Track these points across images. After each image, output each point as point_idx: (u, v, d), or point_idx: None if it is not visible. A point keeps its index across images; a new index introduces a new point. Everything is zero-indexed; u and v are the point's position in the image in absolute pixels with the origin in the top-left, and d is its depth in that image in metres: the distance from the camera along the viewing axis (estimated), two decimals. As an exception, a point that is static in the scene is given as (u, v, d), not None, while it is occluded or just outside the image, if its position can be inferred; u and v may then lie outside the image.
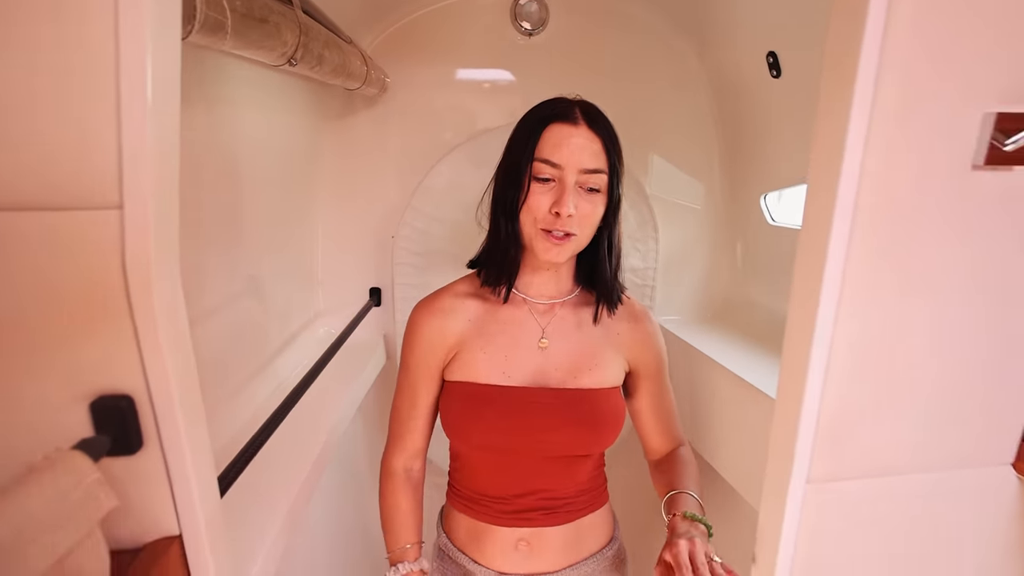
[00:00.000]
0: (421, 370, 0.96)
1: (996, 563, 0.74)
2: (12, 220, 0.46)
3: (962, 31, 0.52)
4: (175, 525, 0.56)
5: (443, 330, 0.95)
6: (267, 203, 1.24)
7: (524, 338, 0.96)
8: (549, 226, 0.87)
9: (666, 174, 1.61)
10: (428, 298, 0.99)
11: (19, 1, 0.42)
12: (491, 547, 0.99)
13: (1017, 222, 0.59)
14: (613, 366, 0.99)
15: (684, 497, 0.94)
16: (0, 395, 0.49)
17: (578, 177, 0.86)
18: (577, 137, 0.85)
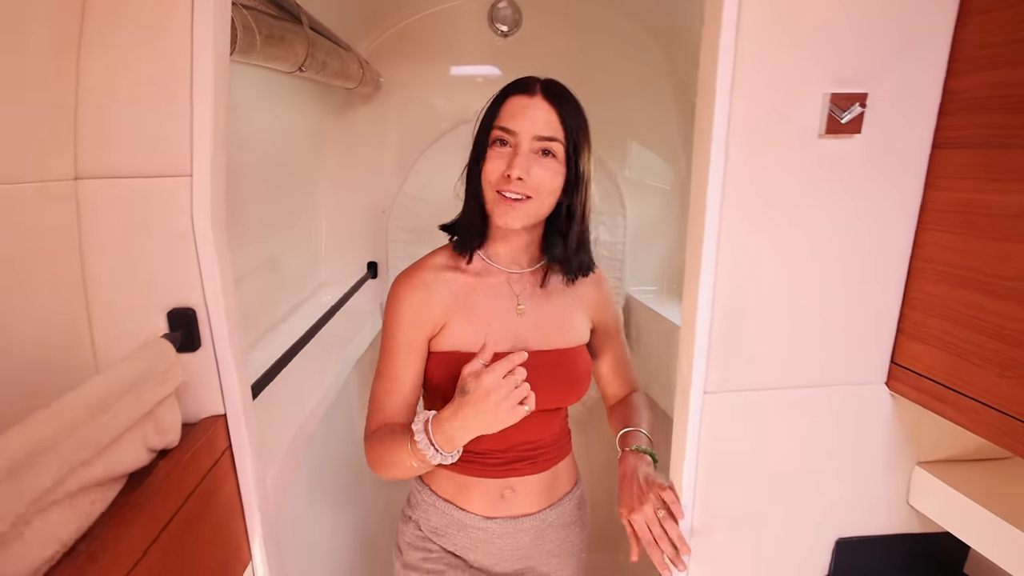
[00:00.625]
0: (407, 343, 0.98)
1: (861, 472, 0.92)
2: (123, 184, 0.69)
3: (805, 34, 0.72)
4: (221, 406, 0.78)
5: (428, 303, 0.97)
6: (279, 188, 1.46)
7: (502, 305, 1.01)
8: (503, 188, 0.91)
9: (638, 158, 1.81)
10: (408, 273, 1.01)
11: (126, 31, 0.65)
12: (478, 497, 1.04)
13: (855, 177, 0.78)
14: (581, 326, 1.08)
15: (635, 433, 1.05)
16: (112, 306, 0.71)
17: (532, 144, 0.90)
18: (532, 108, 0.90)
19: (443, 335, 0.98)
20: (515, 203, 0.92)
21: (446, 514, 1.05)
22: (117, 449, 0.60)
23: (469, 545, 1.06)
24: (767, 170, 0.77)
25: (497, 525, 1.04)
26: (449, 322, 0.98)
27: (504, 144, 0.92)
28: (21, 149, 0.61)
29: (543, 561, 1.10)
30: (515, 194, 0.91)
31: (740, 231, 0.79)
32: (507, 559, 1.07)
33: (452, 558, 1.08)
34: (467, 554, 1.07)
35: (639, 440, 1.03)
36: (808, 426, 0.88)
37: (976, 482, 0.87)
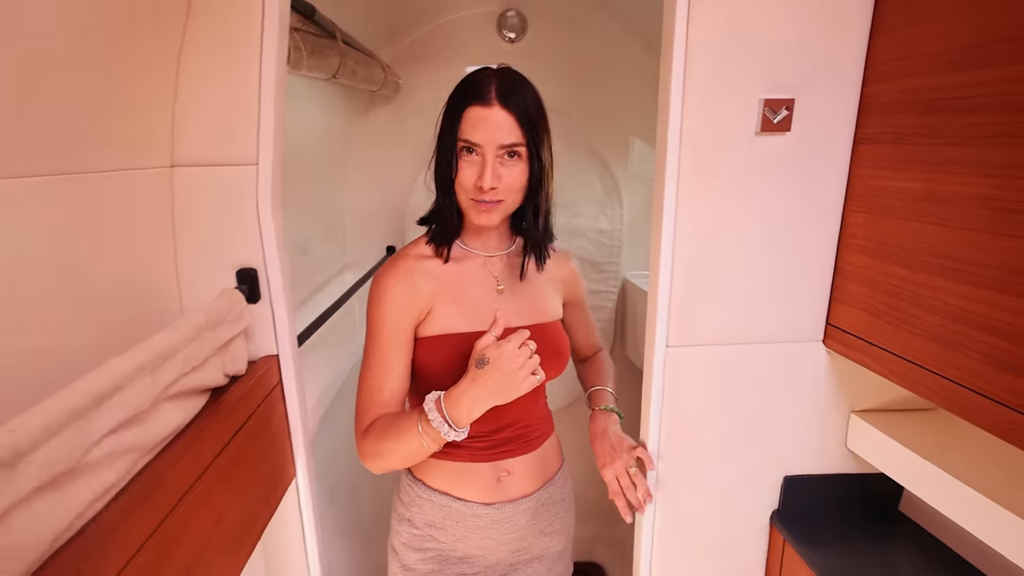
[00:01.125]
0: (395, 333, 0.99)
1: (805, 416, 1.10)
2: (206, 171, 0.90)
3: (742, 51, 0.91)
4: (275, 348, 0.99)
5: (413, 291, 1.00)
6: (311, 180, 1.67)
7: (483, 287, 1.05)
8: (477, 196, 0.96)
9: (633, 152, 1.99)
10: (388, 265, 1.03)
11: (212, 57, 0.86)
12: (475, 483, 1.05)
13: (787, 167, 0.97)
14: (555, 302, 1.14)
15: (603, 392, 1.17)
16: (193, 264, 0.93)
17: (496, 151, 0.93)
18: (491, 118, 0.92)
19: (429, 320, 1.01)
20: (491, 205, 0.97)
21: (442, 506, 1.06)
22: (207, 368, 0.81)
23: (467, 534, 1.07)
24: (714, 162, 0.95)
25: (495, 511, 1.06)
26: (435, 307, 1.01)
27: (471, 151, 0.95)
28: (143, 147, 0.82)
29: (536, 541, 1.12)
30: (490, 199, 0.96)
31: (693, 214, 0.98)
32: (504, 544, 1.08)
33: (448, 554, 1.09)
34: (464, 544, 1.08)
35: (606, 399, 1.15)
36: (756, 377, 1.06)
37: (906, 429, 1.04)
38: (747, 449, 1.10)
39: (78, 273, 0.73)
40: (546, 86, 1.00)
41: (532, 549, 1.12)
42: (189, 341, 0.77)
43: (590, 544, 2.23)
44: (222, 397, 0.84)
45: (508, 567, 1.11)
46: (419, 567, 1.08)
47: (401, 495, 1.12)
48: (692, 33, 0.90)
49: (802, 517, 1.12)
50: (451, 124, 0.96)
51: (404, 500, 1.10)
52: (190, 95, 0.87)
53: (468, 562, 1.09)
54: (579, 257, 2.00)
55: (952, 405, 0.79)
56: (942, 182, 0.78)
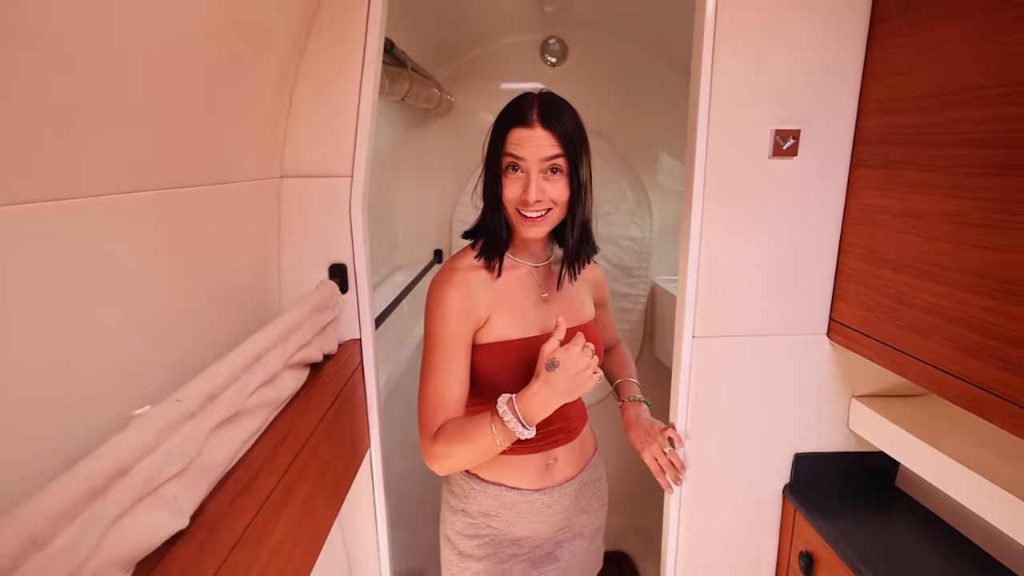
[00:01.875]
0: (457, 341, 1.05)
1: (812, 400, 1.28)
2: (309, 181, 1.11)
3: (757, 90, 1.10)
4: (358, 333, 1.20)
5: (472, 301, 1.07)
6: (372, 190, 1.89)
7: (530, 295, 1.14)
8: (524, 209, 1.03)
9: (663, 166, 2.18)
10: (447, 276, 1.09)
11: (320, 88, 1.08)
12: (526, 472, 1.15)
13: (795, 186, 1.15)
14: (589, 304, 1.25)
15: (629, 384, 1.31)
16: (294, 259, 1.14)
17: (540, 165, 1.01)
18: (533, 136, 1.00)
19: (488, 328, 1.09)
20: (537, 219, 1.05)
21: (496, 496, 1.15)
22: (312, 346, 1.02)
23: (519, 519, 1.16)
24: (733, 181, 1.14)
25: (545, 495, 1.16)
26: (492, 316, 1.09)
27: (517, 169, 1.03)
28: (264, 162, 1.04)
29: (577, 519, 1.23)
30: (536, 212, 1.04)
31: (717, 225, 1.17)
32: (551, 524, 1.19)
33: (501, 538, 1.18)
34: (516, 528, 1.17)
35: (634, 390, 1.30)
36: (770, 365, 1.25)
37: (901, 412, 1.21)
38: (762, 429, 1.28)
39: (219, 264, 0.95)
40: (584, 105, 1.11)
41: (574, 527, 1.23)
42: (304, 322, 0.98)
43: (619, 534, 2.40)
44: (320, 372, 1.05)
45: (554, 545, 1.21)
46: (475, 552, 1.17)
47: (453, 488, 1.21)
48: (716, 75, 1.09)
49: (810, 490, 1.29)
50: (497, 145, 1.05)
51: (457, 493, 1.20)
52: (301, 117, 1.09)
53: (519, 544, 1.18)
54: (611, 262, 2.19)
55: (930, 385, 0.97)
56: (918, 201, 0.97)
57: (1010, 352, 0.82)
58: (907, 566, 1.09)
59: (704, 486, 1.31)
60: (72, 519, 0.46)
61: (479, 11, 1.85)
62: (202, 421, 0.66)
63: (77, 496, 0.47)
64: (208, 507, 0.65)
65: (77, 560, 0.46)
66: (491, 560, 1.17)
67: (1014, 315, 0.81)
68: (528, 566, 1.19)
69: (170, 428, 0.59)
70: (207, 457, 0.68)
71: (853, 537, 1.17)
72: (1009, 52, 0.80)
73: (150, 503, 0.56)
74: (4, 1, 0.46)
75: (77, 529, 0.46)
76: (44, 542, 0.43)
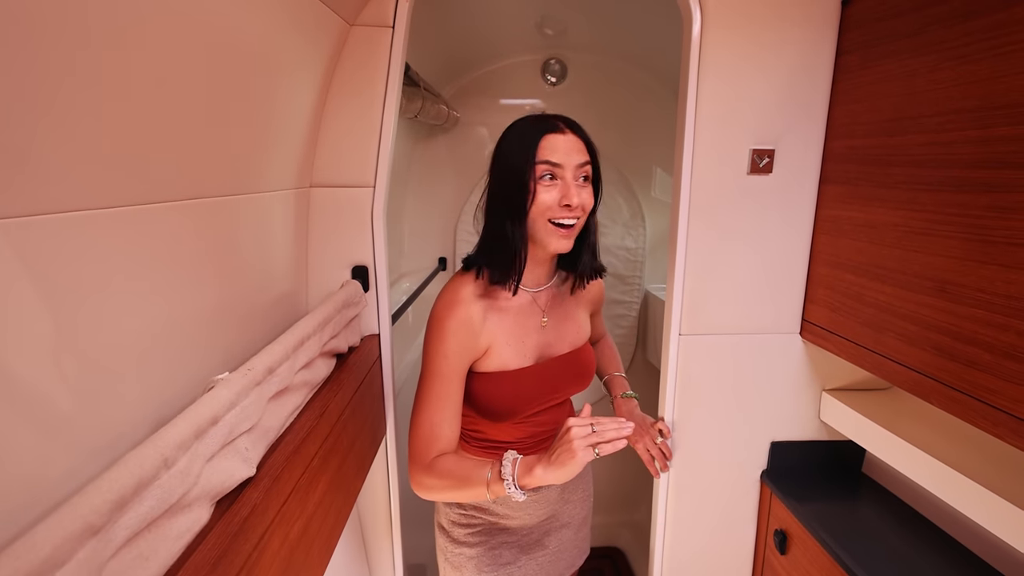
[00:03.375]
0: (457, 372, 1.08)
1: (787, 393, 1.43)
2: (335, 191, 1.26)
3: (737, 115, 1.25)
4: (376, 328, 1.35)
5: (474, 334, 1.08)
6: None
7: (531, 322, 1.17)
8: (558, 217, 1.03)
9: (656, 180, 2.34)
10: (448, 308, 1.09)
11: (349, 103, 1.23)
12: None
13: (770, 200, 1.30)
14: (585, 321, 1.29)
15: (620, 379, 1.41)
16: (321, 260, 1.29)
17: (575, 172, 1.03)
18: (567, 142, 1.03)
19: (487, 358, 1.11)
20: (572, 228, 1.05)
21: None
22: (340, 337, 1.16)
23: (508, 512, 1.25)
24: (715, 194, 1.30)
25: (532, 491, 1.22)
26: (492, 346, 1.11)
27: (552, 178, 1.03)
28: (297, 173, 1.19)
29: (563, 509, 1.32)
30: (572, 219, 1.04)
31: (700, 233, 1.32)
32: (538, 515, 1.27)
33: (491, 527, 1.26)
34: (504, 520, 1.26)
35: (624, 386, 1.40)
36: (748, 360, 1.40)
37: (867, 404, 1.36)
38: (741, 419, 1.43)
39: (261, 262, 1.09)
40: (582, 122, 1.16)
41: (560, 517, 1.31)
42: (334, 315, 1.12)
43: (612, 530, 2.54)
44: (346, 361, 1.19)
45: (542, 534, 1.29)
46: (468, 539, 1.25)
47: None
48: (700, 99, 1.25)
49: (785, 475, 1.44)
50: (527, 155, 1.02)
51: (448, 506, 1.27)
52: (330, 133, 1.24)
53: (508, 532, 1.27)
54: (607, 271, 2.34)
55: (882, 374, 1.12)
56: (873, 212, 1.12)
57: (945, 342, 0.97)
58: (870, 541, 1.23)
59: (690, 472, 1.45)
60: (186, 450, 0.60)
61: (485, 34, 2.01)
62: (264, 389, 0.80)
63: (189, 434, 0.61)
64: (268, 462, 0.79)
65: (187, 484, 0.60)
66: (483, 547, 1.25)
67: (948, 311, 0.96)
68: (518, 551, 1.27)
69: (244, 391, 0.74)
70: (266, 421, 0.82)
71: (823, 516, 1.31)
72: (939, 88, 0.97)
73: (230, 451, 0.71)
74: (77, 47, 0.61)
75: (188, 459, 0.60)
76: (172, 463, 0.57)
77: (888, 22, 1.09)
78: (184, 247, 0.79)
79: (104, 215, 0.62)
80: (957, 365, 0.95)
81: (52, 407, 0.56)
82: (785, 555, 1.39)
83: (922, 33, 1.01)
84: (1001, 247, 0.87)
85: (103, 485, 0.49)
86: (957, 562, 1.16)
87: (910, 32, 1.03)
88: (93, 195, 0.60)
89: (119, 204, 0.64)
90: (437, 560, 1.34)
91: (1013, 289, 0.86)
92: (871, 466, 1.46)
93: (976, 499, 1.02)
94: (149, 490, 0.54)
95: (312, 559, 0.89)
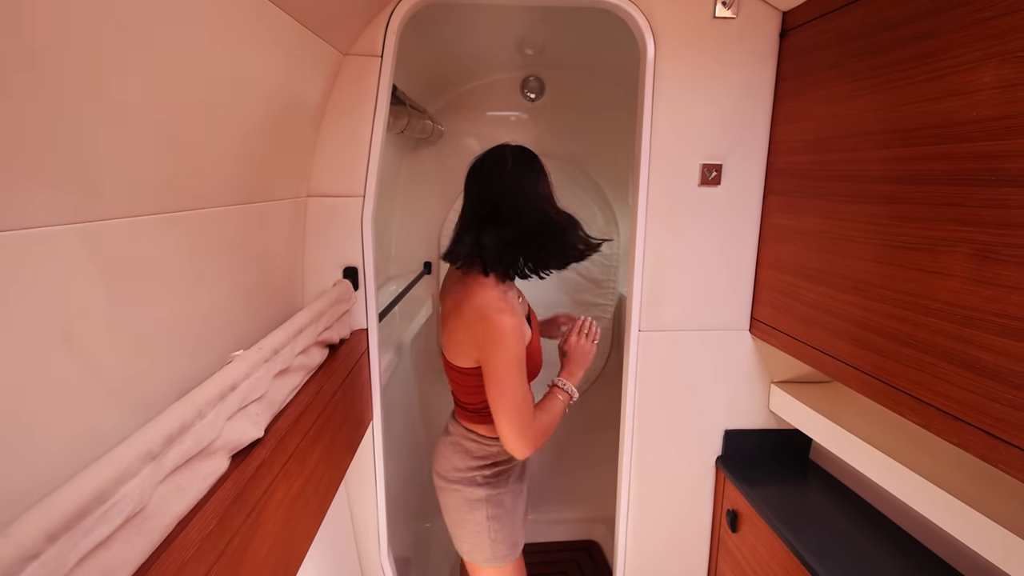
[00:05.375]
0: (522, 359, 1.30)
1: (739, 385, 1.60)
2: (329, 200, 1.42)
3: (688, 135, 1.44)
4: (364, 323, 1.50)
5: (521, 327, 1.32)
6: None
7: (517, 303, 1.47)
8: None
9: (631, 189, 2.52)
10: (503, 309, 1.29)
11: (342, 123, 1.39)
12: None
13: (719, 209, 1.48)
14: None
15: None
16: (315, 262, 1.44)
17: None
18: None
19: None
20: None
21: (494, 444, 1.51)
22: (332, 330, 1.31)
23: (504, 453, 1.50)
24: (669, 205, 1.48)
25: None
26: (525, 331, 1.38)
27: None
28: (296, 184, 1.35)
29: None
30: None
31: (657, 239, 1.49)
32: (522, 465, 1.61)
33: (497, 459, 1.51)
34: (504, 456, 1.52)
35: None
36: (702, 355, 1.57)
37: (811, 395, 1.53)
38: (697, 409, 1.60)
39: (266, 261, 1.25)
40: (559, 135, 1.40)
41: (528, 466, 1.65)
42: (328, 309, 1.28)
43: (588, 524, 2.69)
44: (337, 352, 1.34)
45: (521, 467, 1.59)
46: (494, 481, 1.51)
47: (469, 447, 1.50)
48: (655, 116, 1.43)
49: (738, 461, 1.61)
50: (546, 181, 1.36)
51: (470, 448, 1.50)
52: (325, 149, 1.40)
53: (507, 463, 1.52)
54: (582, 275, 2.51)
55: (814, 363, 1.29)
56: (804, 220, 1.30)
57: (861, 334, 1.14)
58: (812, 520, 1.40)
59: (650, 458, 1.61)
60: (213, 407, 0.76)
61: (469, 54, 2.19)
62: (272, 366, 0.96)
63: (215, 394, 0.76)
64: (273, 428, 0.94)
65: (214, 433, 0.76)
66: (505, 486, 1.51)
67: (863, 306, 1.14)
68: (516, 480, 1.55)
69: (256, 366, 0.89)
70: (271, 394, 0.97)
71: (770, 498, 1.48)
72: (853, 113, 1.15)
73: (243, 415, 0.86)
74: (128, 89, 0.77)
75: (215, 413, 0.76)
76: (204, 415, 0.73)
77: (814, 55, 1.27)
78: (211, 246, 0.94)
79: (148, 221, 0.78)
80: (870, 353, 1.13)
81: (109, 373, 0.72)
82: (736, 533, 1.55)
83: (839, 66, 1.19)
84: (901, 251, 1.05)
85: (158, 424, 0.64)
86: (892, 541, 1.34)
87: (830, 64, 1.22)
88: (143, 204, 0.76)
89: (162, 211, 0.80)
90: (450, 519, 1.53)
91: (909, 287, 1.03)
92: (817, 453, 1.63)
93: (908, 483, 1.18)
94: (188, 433, 0.69)
95: (308, 514, 1.04)
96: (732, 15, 1.38)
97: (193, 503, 0.71)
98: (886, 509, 1.41)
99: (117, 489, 0.56)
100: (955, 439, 0.96)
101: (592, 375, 2.60)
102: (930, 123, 1.00)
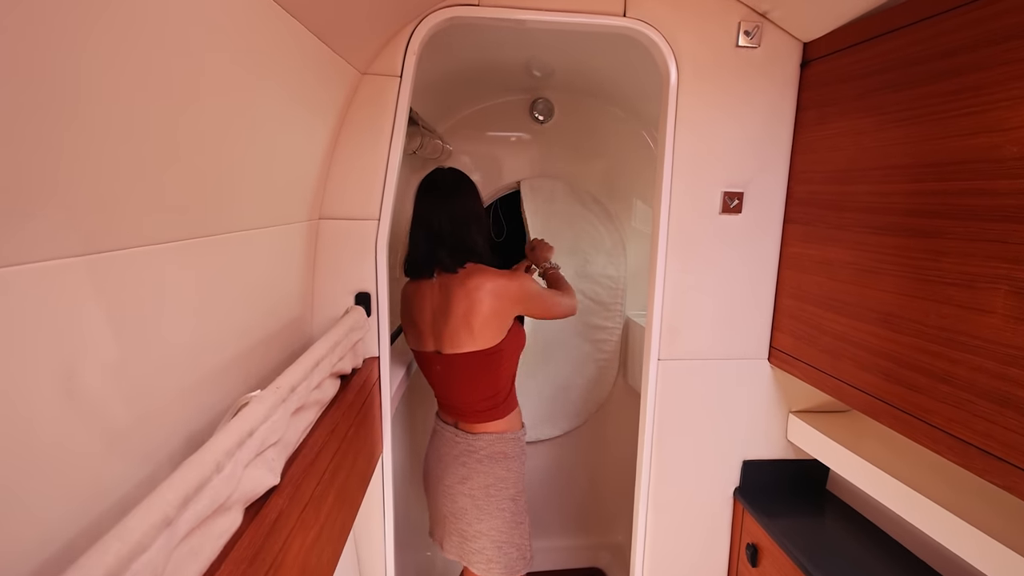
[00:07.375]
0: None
1: (757, 415, 1.55)
2: (342, 223, 1.36)
3: (709, 164, 1.39)
4: (376, 351, 1.44)
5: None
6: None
7: None
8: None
9: (636, 212, 2.48)
10: (514, 273, 1.58)
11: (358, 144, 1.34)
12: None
13: (740, 237, 1.44)
14: None
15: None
16: (326, 288, 1.38)
17: None
18: None
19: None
20: None
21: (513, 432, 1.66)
22: (345, 360, 1.25)
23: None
24: (690, 232, 1.43)
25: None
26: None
27: None
28: (309, 206, 1.30)
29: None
30: None
31: (676, 268, 1.44)
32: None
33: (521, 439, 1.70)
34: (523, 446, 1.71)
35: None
36: (720, 385, 1.51)
37: (830, 425, 1.48)
38: (715, 439, 1.54)
39: (275, 287, 1.19)
40: (567, 158, 1.39)
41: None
42: (342, 339, 1.22)
43: (593, 551, 2.62)
44: (349, 382, 1.28)
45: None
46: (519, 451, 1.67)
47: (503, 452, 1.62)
48: (677, 145, 1.39)
49: (757, 492, 1.55)
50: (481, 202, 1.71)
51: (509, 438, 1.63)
52: (340, 171, 1.34)
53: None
54: (590, 298, 2.46)
55: (839, 396, 1.24)
56: (829, 251, 1.26)
57: (891, 367, 1.09)
58: (834, 553, 1.34)
59: (668, 489, 1.55)
60: (231, 457, 0.69)
61: (480, 76, 2.15)
62: (288, 406, 0.89)
63: (233, 443, 0.70)
64: (288, 472, 0.88)
65: (231, 487, 0.69)
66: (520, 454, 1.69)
67: (892, 339, 1.09)
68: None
69: (273, 407, 0.83)
70: (287, 435, 0.91)
71: (791, 531, 1.42)
72: (882, 145, 1.11)
73: (260, 461, 0.80)
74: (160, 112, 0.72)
75: (233, 464, 0.70)
76: (222, 468, 0.67)
77: (837, 86, 1.24)
78: (221, 274, 0.88)
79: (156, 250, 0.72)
80: (901, 388, 1.08)
81: (113, 421, 0.66)
82: (756, 567, 1.49)
83: (864, 98, 1.15)
84: (935, 285, 1.00)
85: (175, 484, 0.58)
86: (913, 573, 1.28)
87: (855, 96, 1.18)
88: (150, 233, 0.70)
89: (175, 239, 0.74)
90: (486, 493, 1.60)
91: (945, 322, 0.99)
92: (834, 483, 1.58)
93: (930, 515, 1.13)
94: (205, 490, 0.63)
95: (322, 565, 0.97)
96: (754, 45, 1.34)
97: (206, 566, 0.65)
98: (907, 541, 1.36)
99: (128, 567, 0.50)
100: (999, 480, 0.91)
101: (599, 400, 2.54)
102: (966, 158, 0.95)
